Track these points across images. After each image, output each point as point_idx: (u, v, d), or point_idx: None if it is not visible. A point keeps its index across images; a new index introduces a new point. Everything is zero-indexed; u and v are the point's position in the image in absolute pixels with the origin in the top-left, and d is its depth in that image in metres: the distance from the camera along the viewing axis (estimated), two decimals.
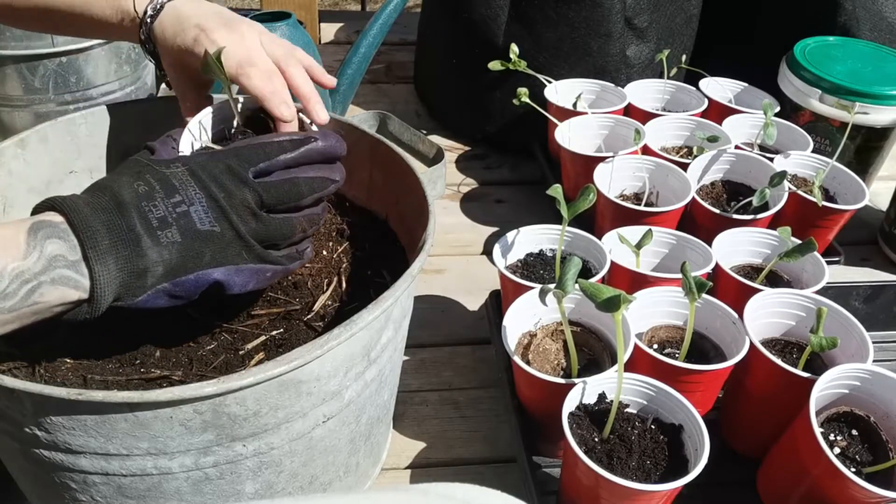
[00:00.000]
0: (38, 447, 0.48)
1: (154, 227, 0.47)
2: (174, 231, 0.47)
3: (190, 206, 0.48)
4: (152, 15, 0.61)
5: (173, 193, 0.48)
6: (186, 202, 0.48)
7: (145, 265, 0.46)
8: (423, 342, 0.88)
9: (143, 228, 0.46)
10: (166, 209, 0.48)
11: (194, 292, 0.49)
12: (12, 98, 1.05)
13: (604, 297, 0.53)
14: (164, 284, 0.47)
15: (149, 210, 0.47)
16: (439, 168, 1.06)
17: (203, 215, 0.48)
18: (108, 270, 0.45)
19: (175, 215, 0.48)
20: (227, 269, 0.49)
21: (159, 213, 0.47)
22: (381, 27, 1.05)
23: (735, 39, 1.22)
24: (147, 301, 0.47)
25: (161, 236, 0.47)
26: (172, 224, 0.47)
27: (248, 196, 0.50)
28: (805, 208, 0.88)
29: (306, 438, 0.54)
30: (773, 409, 0.65)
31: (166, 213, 0.47)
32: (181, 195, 0.48)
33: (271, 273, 0.52)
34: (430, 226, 0.59)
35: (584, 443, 0.58)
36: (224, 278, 0.49)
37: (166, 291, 0.48)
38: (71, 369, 0.54)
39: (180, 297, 0.49)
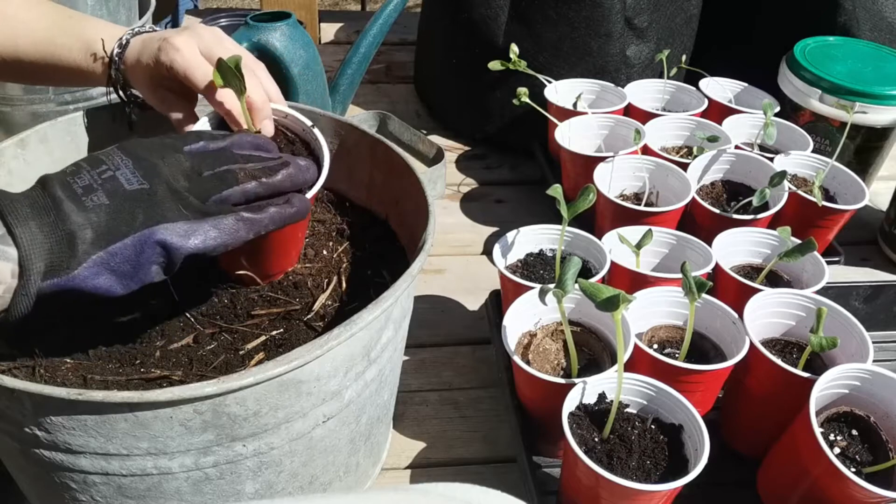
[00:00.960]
0: (38, 447, 0.48)
1: (78, 193, 0.45)
2: (100, 194, 0.45)
3: (116, 170, 0.47)
4: (119, 52, 0.62)
5: (99, 164, 0.47)
6: (112, 168, 0.47)
7: (70, 228, 0.44)
8: (423, 342, 0.88)
9: (64, 195, 0.44)
10: (91, 178, 0.46)
11: (138, 262, 0.45)
12: (12, 98, 1.05)
13: (603, 297, 0.53)
14: (98, 254, 0.44)
15: (73, 182, 0.46)
16: (439, 168, 1.07)
17: (130, 176, 0.47)
18: (32, 233, 0.43)
19: (100, 181, 0.46)
20: (166, 226, 0.46)
21: (84, 182, 0.46)
22: (381, 27, 1.05)
23: (735, 39, 1.22)
24: (87, 276, 0.44)
25: (86, 200, 0.45)
26: (98, 189, 0.45)
27: (181, 159, 0.49)
28: (805, 208, 0.88)
29: (306, 438, 0.54)
30: (773, 409, 0.65)
31: (91, 181, 0.46)
32: (107, 164, 0.47)
33: (231, 223, 0.48)
34: (430, 226, 0.59)
35: (584, 443, 0.58)
36: (166, 237, 0.46)
37: (106, 265, 0.44)
38: (71, 369, 0.54)
39: (126, 272, 0.45)
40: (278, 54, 0.95)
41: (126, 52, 0.62)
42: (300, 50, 0.97)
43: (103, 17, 1.17)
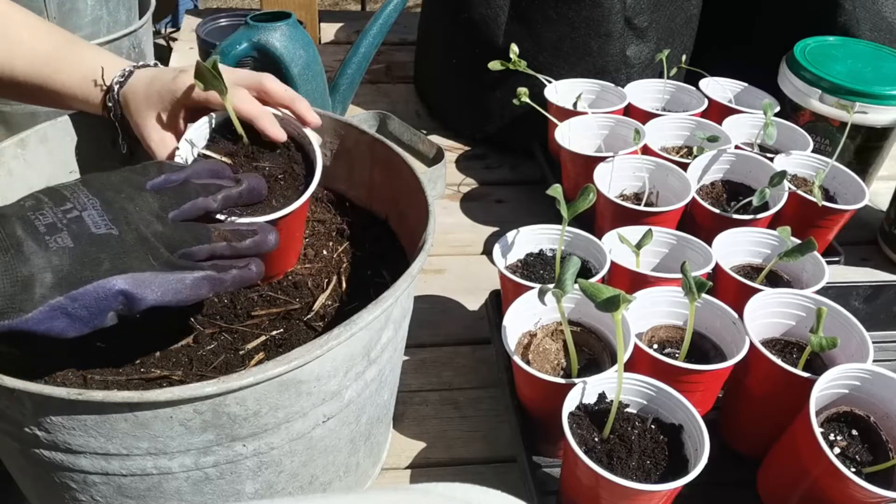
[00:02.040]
0: (38, 447, 0.48)
1: (41, 232, 0.43)
2: (64, 236, 0.43)
3: (83, 211, 0.45)
4: (121, 81, 0.62)
5: (63, 202, 0.45)
6: (78, 208, 0.45)
7: (30, 271, 0.42)
8: (423, 342, 0.88)
9: (25, 233, 0.42)
10: (55, 216, 0.44)
11: (96, 307, 0.44)
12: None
13: (603, 297, 0.53)
14: (58, 298, 0.42)
15: (35, 218, 0.43)
16: (439, 168, 1.07)
17: (98, 219, 0.45)
18: None
19: (66, 221, 0.44)
20: (132, 276, 0.44)
21: (47, 220, 0.44)
22: (381, 27, 1.05)
23: (735, 39, 1.22)
24: (41, 320, 0.42)
25: (49, 241, 0.43)
26: (63, 229, 0.43)
27: (149, 199, 0.47)
28: (805, 208, 0.88)
29: (306, 438, 0.54)
30: (773, 409, 0.65)
31: (55, 220, 0.44)
32: (72, 202, 0.45)
33: (192, 280, 0.47)
34: (430, 226, 0.59)
35: (584, 443, 0.58)
36: (130, 288, 0.44)
37: (63, 309, 0.43)
38: (71, 369, 0.54)
39: (82, 317, 0.44)
40: (278, 54, 0.95)
41: (129, 82, 0.62)
42: (300, 50, 0.97)
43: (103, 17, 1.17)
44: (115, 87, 0.62)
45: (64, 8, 1.11)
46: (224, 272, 0.49)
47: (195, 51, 1.39)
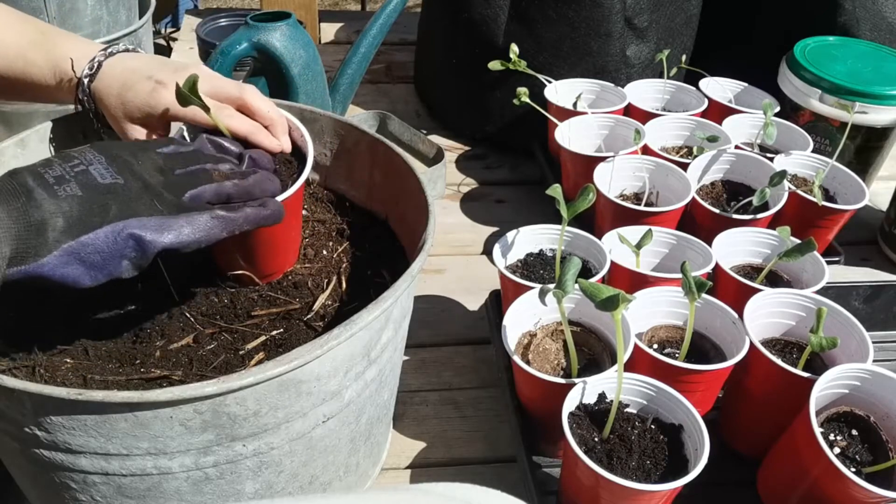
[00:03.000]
0: (38, 447, 0.48)
1: (50, 182, 0.44)
2: (73, 185, 0.45)
3: (89, 165, 0.46)
4: (90, 75, 0.61)
5: (70, 159, 0.47)
6: (84, 163, 0.46)
7: (41, 216, 0.43)
8: (423, 342, 0.88)
9: (35, 183, 0.44)
10: (63, 170, 0.45)
11: (109, 254, 0.45)
12: None
13: (603, 297, 0.53)
14: (69, 243, 0.43)
15: (44, 172, 0.45)
16: (439, 168, 1.07)
17: (104, 171, 0.46)
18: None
19: (73, 173, 0.45)
20: (140, 219, 0.45)
21: (55, 173, 0.45)
22: (381, 27, 1.05)
23: (735, 39, 1.22)
24: (56, 265, 0.43)
25: (58, 190, 0.44)
26: (70, 180, 0.45)
27: (153, 156, 0.49)
28: (805, 208, 0.88)
29: (306, 438, 0.54)
30: (773, 409, 0.65)
31: (63, 173, 0.45)
32: (79, 159, 0.47)
33: (204, 221, 0.47)
34: (430, 226, 0.59)
35: (584, 443, 0.58)
36: (138, 230, 0.45)
37: (76, 254, 0.43)
38: (71, 369, 0.54)
39: (95, 263, 0.44)
40: (278, 54, 0.95)
41: (98, 77, 0.61)
42: (300, 50, 0.97)
43: (103, 17, 1.17)
44: (85, 80, 0.61)
45: (64, 8, 1.11)
46: (236, 211, 0.50)
47: (195, 51, 1.39)
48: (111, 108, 0.61)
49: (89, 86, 0.61)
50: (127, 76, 0.60)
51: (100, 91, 0.61)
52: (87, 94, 0.61)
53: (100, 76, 0.61)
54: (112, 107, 0.60)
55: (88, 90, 0.61)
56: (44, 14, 1.10)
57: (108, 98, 0.60)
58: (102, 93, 0.61)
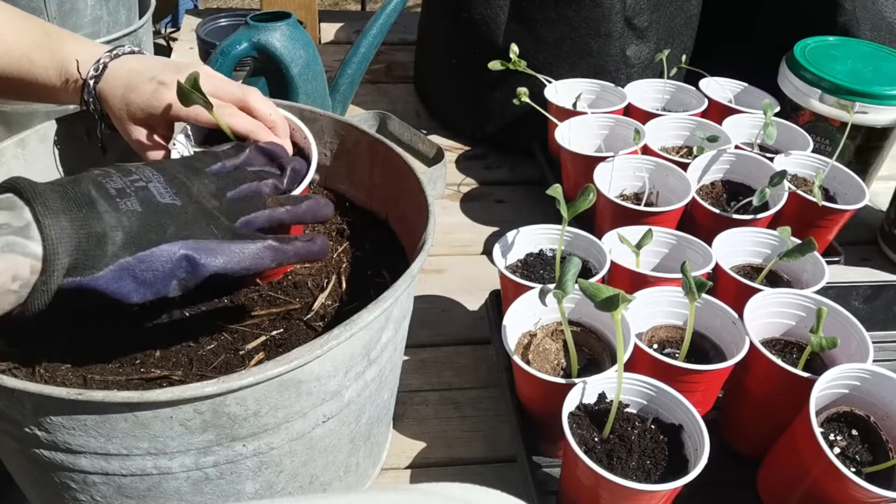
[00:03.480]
0: (38, 447, 0.48)
1: (112, 195, 0.45)
2: (133, 200, 0.45)
3: (148, 182, 0.47)
4: (95, 76, 0.61)
5: (129, 174, 0.47)
6: (144, 180, 0.47)
7: (103, 228, 0.43)
8: (423, 342, 0.88)
9: (98, 194, 0.44)
10: (124, 183, 0.46)
11: (162, 273, 0.45)
12: None
13: (603, 297, 0.53)
14: (126, 258, 0.44)
15: (106, 183, 0.45)
16: (439, 168, 1.07)
17: (163, 190, 0.47)
18: (61, 227, 0.41)
19: (133, 188, 0.46)
20: (194, 242, 0.46)
21: (117, 185, 0.46)
22: (381, 27, 1.05)
23: (735, 39, 1.22)
24: (110, 280, 0.43)
25: (120, 203, 0.45)
26: (132, 195, 0.45)
27: (207, 181, 0.50)
28: (805, 208, 0.88)
29: (306, 438, 0.54)
30: (773, 409, 0.65)
31: (124, 186, 0.46)
32: (138, 175, 0.47)
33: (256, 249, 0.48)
34: (430, 226, 0.59)
35: (584, 443, 0.58)
36: (193, 253, 0.46)
37: (131, 270, 0.44)
38: (71, 369, 0.54)
39: (147, 280, 0.45)
40: (278, 54, 0.95)
41: (104, 79, 0.61)
42: (300, 50, 0.97)
43: (103, 17, 1.17)
44: (91, 82, 0.61)
45: (64, 8, 1.11)
46: (288, 243, 0.50)
47: (195, 51, 1.39)
48: (115, 109, 0.61)
49: (95, 87, 0.61)
50: (131, 77, 0.60)
51: (104, 92, 0.61)
52: (92, 95, 0.62)
53: (105, 77, 0.61)
54: (116, 108, 0.61)
55: (94, 91, 0.62)
56: (44, 14, 1.10)
57: (112, 99, 0.61)
58: (107, 94, 0.61)
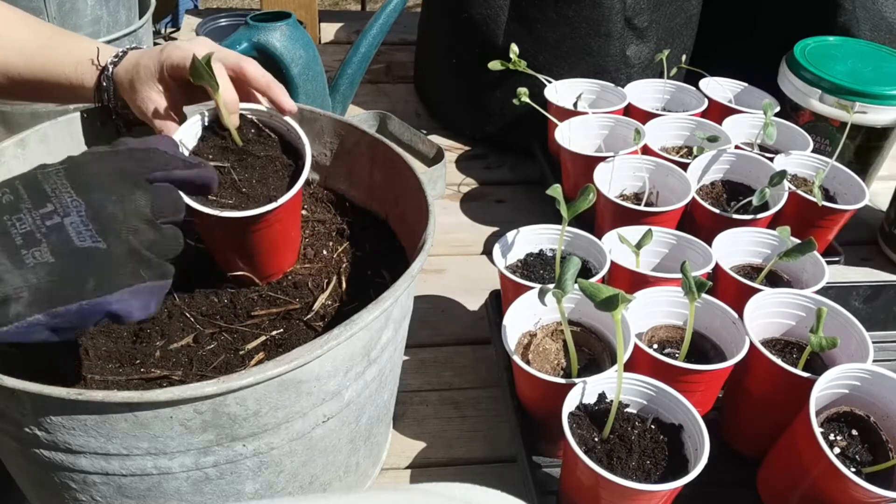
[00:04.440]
0: (38, 447, 0.48)
1: (17, 245, 0.40)
2: (44, 249, 0.40)
3: (64, 217, 0.41)
4: (115, 61, 0.63)
5: (44, 202, 0.41)
6: (60, 212, 0.41)
7: (3, 291, 0.39)
8: (423, 342, 0.88)
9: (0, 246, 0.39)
10: (34, 222, 0.41)
11: (81, 323, 0.41)
12: None
13: (602, 297, 0.53)
14: (36, 316, 0.39)
15: (11, 225, 0.40)
16: (439, 168, 1.07)
17: (82, 228, 0.41)
18: None
19: (45, 229, 0.40)
20: (119, 295, 0.41)
21: (24, 227, 0.40)
22: (381, 27, 1.05)
23: (735, 39, 1.22)
24: (20, 334, 0.39)
25: (26, 256, 0.40)
26: (41, 240, 0.40)
27: (142, 202, 0.43)
28: (805, 208, 0.88)
29: (306, 438, 0.54)
30: (773, 409, 0.65)
31: (33, 228, 0.40)
32: (53, 204, 0.41)
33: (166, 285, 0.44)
34: (430, 226, 0.59)
35: (584, 443, 0.58)
36: (120, 308, 0.41)
37: (44, 325, 0.40)
38: (71, 369, 0.54)
39: (64, 328, 0.41)
40: (278, 54, 0.95)
41: (122, 62, 0.63)
42: (300, 50, 0.97)
43: (103, 17, 1.17)
44: (110, 66, 0.63)
45: (64, 8, 1.11)
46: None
47: None
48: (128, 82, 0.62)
49: (113, 71, 0.63)
50: (145, 51, 0.63)
51: (121, 73, 0.63)
52: (109, 79, 0.63)
53: (124, 61, 0.63)
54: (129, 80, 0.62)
55: (111, 75, 0.63)
56: (44, 14, 1.10)
57: (127, 75, 0.62)
58: (123, 74, 0.62)
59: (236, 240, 0.59)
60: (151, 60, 0.60)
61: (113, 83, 0.64)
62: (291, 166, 0.61)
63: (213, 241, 0.62)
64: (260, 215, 0.56)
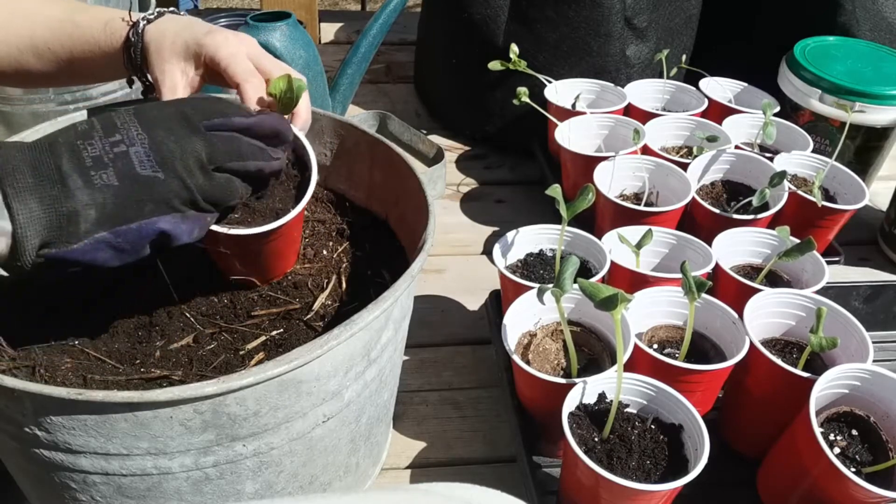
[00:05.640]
0: (38, 447, 0.48)
1: (87, 166, 0.44)
2: (110, 173, 0.44)
3: (130, 146, 0.45)
4: (150, 18, 0.62)
5: (113, 132, 0.46)
6: (126, 142, 0.45)
7: (74, 206, 0.43)
8: (423, 342, 0.88)
9: (71, 167, 0.43)
10: (103, 148, 0.45)
11: (139, 243, 0.46)
12: (12, 97, 1.05)
13: (602, 296, 0.53)
14: (102, 233, 0.44)
15: (83, 148, 0.44)
16: (439, 168, 1.07)
17: (144, 158, 0.45)
18: (30, 209, 0.42)
19: (112, 155, 0.45)
20: (172, 217, 0.46)
21: (94, 151, 0.44)
22: (381, 27, 1.05)
23: (735, 39, 1.22)
24: (86, 251, 0.44)
25: (94, 177, 0.44)
26: (109, 164, 0.44)
27: (198, 146, 0.47)
28: (805, 208, 0.88)
29: (306, 438, 0.54)
30: (773, 409, 0.65)
31: (102, 153, 0.45)
32: (121, 134, 0.46)
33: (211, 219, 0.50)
34: (430, 226, 0.59)
35: (584, 443, 0.58)
36: (171, 228, 0.46)
37: (108, 242, 0.45)
38: (71, 369, 0.54)
39: (125, 249, 0.46)
40: (278, 54, 0.95)
41: (156, 22, 0.62)
42: (300, 50, 0.97)
43: None
44: (143, 22, 0.62)
45: None
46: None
47: None
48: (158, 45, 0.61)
49: (144, 27, 0.62)
50: (192, 22, 0.62)
51: (153, 33, 0.61)
52: (139, 34, 0.62)
53: (159, 21, 0.62)
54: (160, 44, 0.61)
55: (141, 32, 0.62)
56: None
57: (161, 37, 0.61)
58: (156, 34, 0.61)
59: (241, 251, 0.58)
60: (193, 39, 0.59)
61: (142, 41, 0.62)
62: (297, 177, 0.61)
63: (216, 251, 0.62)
64: (267, 232, 0.55)
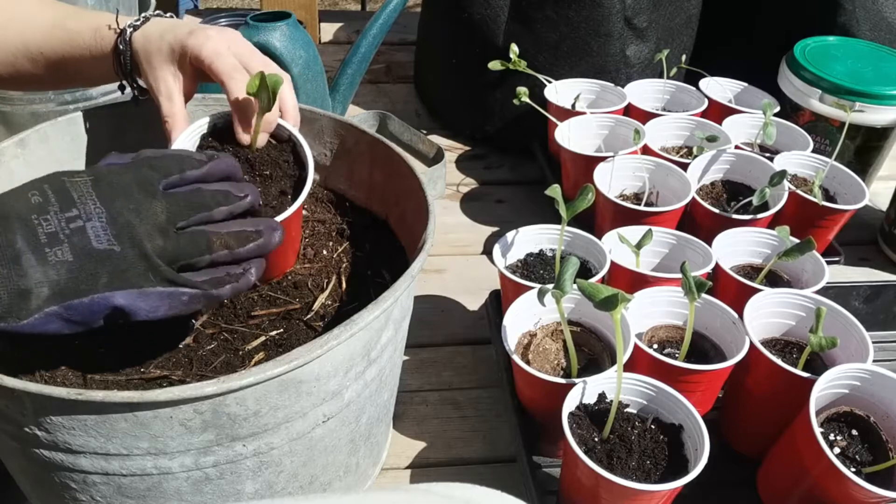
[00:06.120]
0: (38, 447, 0.48)
1: (42, 242, 0.44)
2: (65, 249, 0.44)
3: (87, 221, 0.45)
4: (135, 25, 0.63)
5: (70, 207, 0.45)
6: (83, 217, 0.45)
7: (27, 285, 0.43)
8: (423, 342, 0.88)
9: (26, 245, 0.43)
10: (59, 224, 0.44)
11: (91, 317, 0.45)
12: (12, 97, 1.05)
13: (601, 297, 0.53)
14: (53, 307, 0.44)
15: (38, 224, 0.44)
16: (439, 168, 1.07)
17: (101, 232, 0.45)
18: None
19: (68, 231, 0.44)
20: (128, 292, 0.45)
21: (50, 228, 0.44)
22: (381, 27, 1.05)
23: (735, 39, 1.22)
24: (36, 325, 0.44)
25: (49, 254, 0.44)
26: (64, 241, 0.44)
27: (158, 209, 0.47)
28: (805, 208, 0.88)
29: (306, 438, 0.54)
30: (773, 409, 0.65)
31: (58, 229, 0.44)
32: (78, 209, 0.45)
33: (188, 298, 0.47)
34: (430, 226, 0.59)
35: (584, 443, 0.58)
36: (126, 303, 0.45)
37: (59, 315, 0.44)
38: (71, 369, 0.54)
39: (76, 321, 0.45)
40: (278, 54, 0.95)
41: (142, 28, 0.62)
42: (300, 50, 0.97)
43: None
44: (129, 29, 0.62)
45: None
46: (220, 287, 0.49)
47: None
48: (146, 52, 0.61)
49: (131, 35, 0.62)
50: (173, 24, 0.62)
51: (139, 39, 0.62)
52: (126, 42, 0.62)
53: (145, 27, 0.62)
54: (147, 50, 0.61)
55: (129, 38, 0.62)
56: None
57: (147, 43, 0.61)
58: (142, 40, 0.62)
59: None
60: (176, 41, 0.60)
61: (130, 48, 0.62)
62: (294, 176, 0.61)
63: None
64: None
